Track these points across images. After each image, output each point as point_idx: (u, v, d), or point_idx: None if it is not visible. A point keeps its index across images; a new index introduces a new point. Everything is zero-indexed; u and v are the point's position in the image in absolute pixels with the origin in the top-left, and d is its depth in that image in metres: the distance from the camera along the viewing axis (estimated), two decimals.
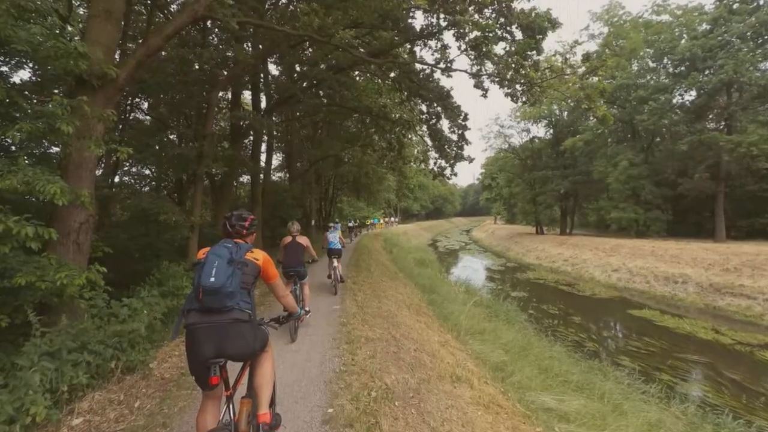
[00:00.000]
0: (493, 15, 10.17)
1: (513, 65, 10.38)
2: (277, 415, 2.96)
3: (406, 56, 12.73)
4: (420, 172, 43.59)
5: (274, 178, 24.42)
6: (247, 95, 18.57)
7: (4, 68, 5.38)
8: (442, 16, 10.33)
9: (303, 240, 6.55)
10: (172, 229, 8.87)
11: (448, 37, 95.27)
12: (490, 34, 10.03)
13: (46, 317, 4.05)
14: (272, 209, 17.41)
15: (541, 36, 10.15)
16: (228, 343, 2.28)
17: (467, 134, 13.99)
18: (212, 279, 2.23)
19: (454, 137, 14.24)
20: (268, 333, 2.74)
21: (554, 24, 10.11)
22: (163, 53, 9.91)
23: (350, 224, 30.27)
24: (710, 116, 26.23)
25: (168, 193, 13.03)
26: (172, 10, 11.16)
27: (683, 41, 25.46)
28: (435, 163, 15.39)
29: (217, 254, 2.36)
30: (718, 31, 23.19)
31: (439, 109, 13.83)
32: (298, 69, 16.20)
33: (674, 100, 26.45)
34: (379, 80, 15.88)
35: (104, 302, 4.79)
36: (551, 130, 37.70)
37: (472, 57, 10.83)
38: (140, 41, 8.18)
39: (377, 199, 39.07)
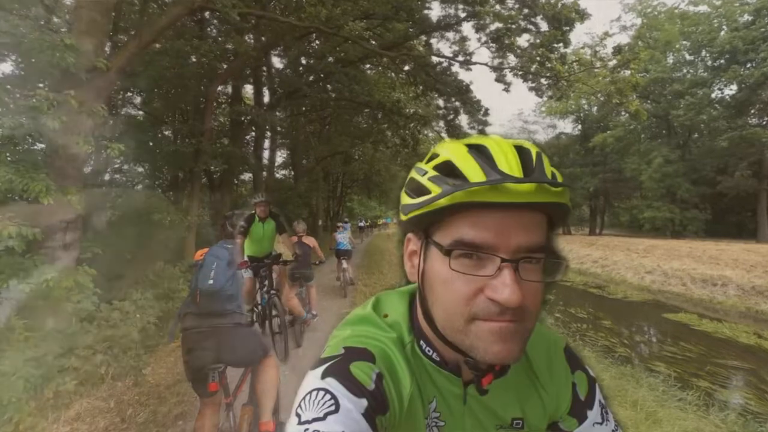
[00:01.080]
0: (516, 5, 10.10)
1: (538, 58, 10.33)
2: (281, 424, 2.95)
3: (421, 48, 12.65)
4: None
5: (278, 175, 24.53)
6: (249, 89, 18.68)
7: None
8: (460, 6, 10.29)
9: (309, 240, 6.56)
10: (167, 229, 8.93)
11: (467, 28, 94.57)
12: (513, 26, 9.98)
13: (31, 321, 4.10)
14: (276, 208, 17.43)
15: (568, 27, 10.04)
16: (228, 349, 2.29)
17: (488, 130, 13.93)
18: (211, 281, 2.26)
19: (474, 134, 14.11)
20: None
21: (582, 15, 10.00)
22: (158, 45, 9.95)
23: (360, 224, 30.37)
24: (752, 111, 25.77)
25: (163, 191, 13.08)
26: (166, 0, 11.25)
27: (723, 33, 25.12)
28: None
29: (216, 256, 2.39)
30: (761, 22, 22.88)
31: (457, 103, 13.75)
32: (303, 62, 16.23)
33: (713, 95, 26.09)
34: (393, 74, 15.84)
35: (94, 305, 4.82)
36: (579, 126, 37.34)
37: (494, 49, 10.78)
38: (133, 33, 8.24)
39: (390, 198, 39.11)
